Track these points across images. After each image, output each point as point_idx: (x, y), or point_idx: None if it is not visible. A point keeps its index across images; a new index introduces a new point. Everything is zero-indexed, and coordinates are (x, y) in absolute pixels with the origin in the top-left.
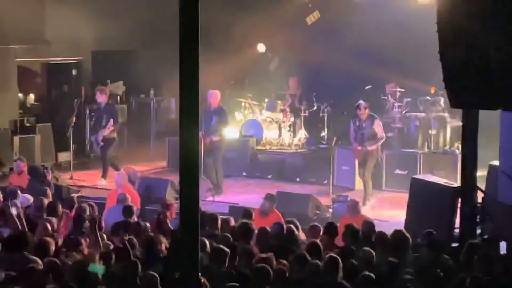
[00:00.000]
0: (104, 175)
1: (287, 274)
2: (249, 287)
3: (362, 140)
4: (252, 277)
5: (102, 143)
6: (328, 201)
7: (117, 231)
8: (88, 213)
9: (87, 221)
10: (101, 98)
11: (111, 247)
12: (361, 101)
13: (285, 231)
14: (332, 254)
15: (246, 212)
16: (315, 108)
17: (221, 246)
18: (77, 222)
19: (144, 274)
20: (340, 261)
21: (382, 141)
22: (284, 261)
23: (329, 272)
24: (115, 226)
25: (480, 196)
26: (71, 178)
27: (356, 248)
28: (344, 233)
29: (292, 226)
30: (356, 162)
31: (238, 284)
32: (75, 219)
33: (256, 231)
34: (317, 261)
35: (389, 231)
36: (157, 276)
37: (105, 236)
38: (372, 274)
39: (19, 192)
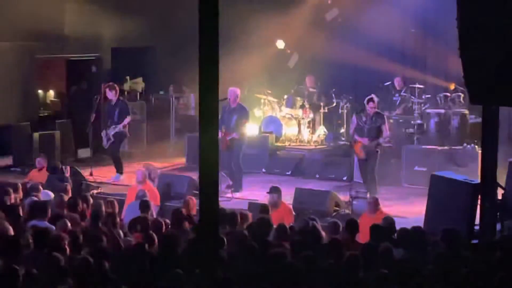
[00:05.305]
0: (120, 170)
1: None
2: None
3: (369, 136)
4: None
5: (113, 139)
6: (348, 198)
7: (135, 227)
8: (104, 209)
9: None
10: (111, 95)
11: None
12: (373, 95)
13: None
14: (353, 252)
15: (263, 208)
16: (334, 104)
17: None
18: (94, 219)
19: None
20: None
21: (387, 140)
22: None
23: (349, 270)
24: (133, 222)
25: (500, 192)
26: (91, 174)
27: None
28: (371, 233)
29: (315, 222)
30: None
31: None
32: (91, 215)
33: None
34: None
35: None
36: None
37: (121, 233)
38: (390, 272)
39: (40, 187)
